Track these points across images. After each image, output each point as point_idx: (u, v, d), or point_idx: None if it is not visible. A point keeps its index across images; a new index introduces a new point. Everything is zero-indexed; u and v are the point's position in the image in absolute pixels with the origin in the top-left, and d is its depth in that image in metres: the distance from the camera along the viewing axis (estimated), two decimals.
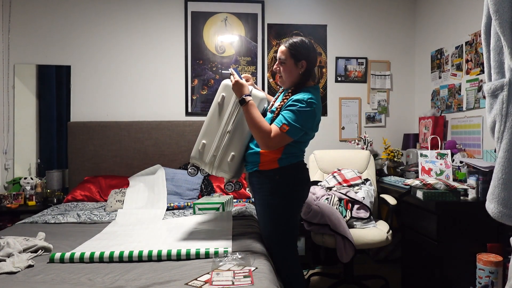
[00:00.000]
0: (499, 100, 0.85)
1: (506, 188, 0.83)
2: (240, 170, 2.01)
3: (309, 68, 1.87)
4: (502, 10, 0.80)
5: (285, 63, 1.86)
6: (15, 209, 2.95)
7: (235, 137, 1.92)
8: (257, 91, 1.98)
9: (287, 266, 1.89)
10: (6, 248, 1.69)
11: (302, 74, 1.87)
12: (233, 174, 1.97)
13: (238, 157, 1.93)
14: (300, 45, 1.85)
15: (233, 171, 1.95)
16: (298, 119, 1.75)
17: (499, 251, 2.11)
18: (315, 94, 1.82)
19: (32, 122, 3.30)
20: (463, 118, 2.93)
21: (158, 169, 3.03)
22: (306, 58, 1.85)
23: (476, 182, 2.28)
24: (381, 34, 3.67)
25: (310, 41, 1.91)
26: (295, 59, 1.85)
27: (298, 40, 1.87)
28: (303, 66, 1.85)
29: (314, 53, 1.90)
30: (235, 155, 1.92)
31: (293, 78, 1.88)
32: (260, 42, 3.53)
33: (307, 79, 1.89)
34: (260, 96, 1.95)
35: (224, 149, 1.93)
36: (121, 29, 3.43)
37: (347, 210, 2.58)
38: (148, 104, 3.45)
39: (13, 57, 3.30)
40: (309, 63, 1.86)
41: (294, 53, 1.84)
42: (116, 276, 1.49)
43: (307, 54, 1.85)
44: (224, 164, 1.93)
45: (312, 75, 1.91)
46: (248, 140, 1.94)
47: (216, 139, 1.94)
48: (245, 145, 1.94)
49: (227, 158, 1.92)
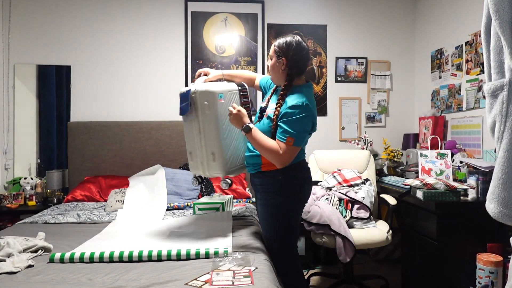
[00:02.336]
0: (499, 100, 0.85)
1: (506, 188, 0.83)
2: (232, 166, 1.98)
3: (290, 65, 1.83)
4: (502, 10, 0.80)
5: (271, 59, 1.89)
6: (15, 209, 2.95)
7: (207, 136, 1.92)
8: (227, 85, 2.00)
9: (287, 266, 1.89)
10: (6, 248, 1.69)
11: (284, 71, 1.85)
12: (225, 171, 1.95)
13: (219, 154, 1.91)
14: (284, 43, 1.85)
15: (222, 168, 1.94)
16: (300, 127, 1.76)
17: (499, 251, 2.11)
18: (308, 94, 1.83)
19: (32, 122, 3.30)
20: (463, 118, 2.93)
21: (158, 169, 3.03)
22: (285, 56, 1.83)
23: (476, 182, 2.28)
24: (381, 34, 3.67)
25: (299, 41, 1.86)
26: (277, 56, 1.86)
27: (286, 38, 1.86)
28: (283, 63, 1.84)
29: (297, 50, 1.84)
30: (215, 152, 1.91)
31: (277, 74, 1.88)
32: (260, 42, 3.53)
33: (292, 77, 1.85)
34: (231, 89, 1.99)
35: (204, 151, 1.94)
36: (121, 29, 3.43)
37: (347, 210, 2.58)
38: (148, 104, 3.45)
39: (13, 57, 3.30)
40: (288, 61, 1.83)
41: (277, 50, 1.86)
42: (116, 276, 1.49)
43: (287, 51, 1.83)
44: (211, 164, 1.94)
45: (297, 73, 1.86)
46: (222, 134, 1.92)
47: (196, 145, 1.97)
48: (220, 140, 1.91)
49: (211, 159, 1.93)
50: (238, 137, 2.01)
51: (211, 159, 1.93)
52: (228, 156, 1.95)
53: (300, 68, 1.87)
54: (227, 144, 1.94)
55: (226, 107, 1.92)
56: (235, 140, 1.99)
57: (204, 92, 1.89)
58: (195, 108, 1.91)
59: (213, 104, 1.88)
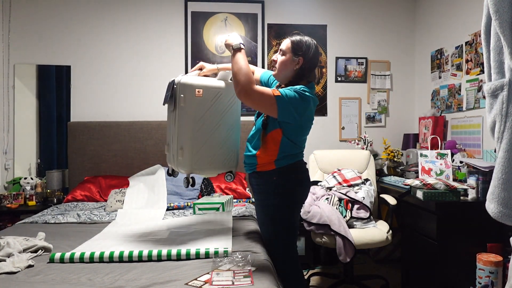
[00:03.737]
0: (499, 100, 0.85)
1: (506, 188, 0.83)
2: (199, 166, 1.92)
3: (305, 66, 1.82)
4: (502, 10, 0.80)
5: (285, 55, 1.85)
6: (15, 209, 2.95)
7: (179, 129, 1.87)
8: (211, 81, 1.93)
9: (287, 266, 1.89)
10: (6, 248, 1.69)
11: (296, 70, 1.83)
12: (189, 168, 1.89)
13: (186, 150, 1.86)
14: (304, 42, 1.83)
15: (187, 164, 1.87)
16: (289, 98, 1.70)
17: (499, 251, 2.11)
18: (309, 88, 1.80)
19: (32, 122, 3.30)
20: (463, 118, 2.93)
21: (158, 169, 3.03)
22: (304, 56, 1.82)
23: (476, 182, 2.28)
24: (381, 34, 3.67)
25: (316, 45, 1.88)
26: (294, 53, 1.82)
27: (305, 38, 1.86)
28: (299, 62, 1.82)
29: (314, 54, 1.85)
30: (183, 148, 1.86)
31: (287, 72, 1.84)
32: (260, 42, 3.53)
33: (301, 78, 1.84)
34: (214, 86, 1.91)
35: (175, 144, 1.89)
36: (121, 29, 3.43)
37: (347, 210, 2.58)
38: (149, 104, 3.45)
39: (13, 57, 3.30)
40: (305, 61, 1.82)
41: (295, 47, 1.82)
42: (116, 276, 1.49)
43: (307, 52, 1.82)
44: (179, 159, 1.87)
45: (307, 76, 1.85)
46: (193, 130, 1.86)
47: (171, 137, 1.92)
48: (189, 135, 1.86)
49: (180, 153, 1.86)
50: (214, 139, 1.93)
51: (180, 153, 1.86)
52: (196, 154, 1.88)
53: (312, 71, 1.87)
54: (197, 142, 1.87)
55: (204, 104, 1.86)
56: (209, 140, 1.91)
57: (183, 84, 1.84)
58: (174, 99, 1.86)
59: (189, 98, 1.83)
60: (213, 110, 1.90)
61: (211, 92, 1.89)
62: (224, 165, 2.01)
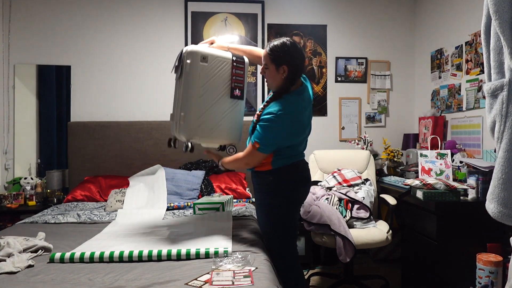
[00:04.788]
0: (499, 100, 0.85)
1: (506, 188, 0.83)
2: (199, 133, 1.94)
3: (292, 71, 1.79)
4: (502, 10, 0.80)
5: (268, 68, 1.82)
6: (15, 209, 2.95)
7: (183, 96, 1.90)
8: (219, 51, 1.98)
9: (287, 266, 1.89)
10: (6, 248, 1.69)
11: (285, 78, 1.80)
12: (189, 134, 1.91)
13: (187, 116, 1.88)
14: (280, 49, 1.77)
15: (187, 130, 1.89)
16: (267, 136, 1.76)
17: (499, 251, 2.11)
18: (289, 103, 1.77)
19: (32, 122, 3.30)
20: (463, 118, 2.93)
21: (158, 169, 3.03)
22: (286, 63, 1.77)
23: (476, 182, 2.28)
24: (381, 34, 3.67)
25: (293, 43, 1.81)
26: (276, 64, 1.78)
27: (279, 43, 1.79)
28: (285, 71, 1.78)
29: (296, 56, 1.80)
30: (185, 113, 1.89)
31: (277, 83, 1.82)
32: (260, 42, 3.53)
33: (292, 82, 1.82)
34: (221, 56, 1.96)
35: (178, 111, 1.92)
36: (121, 29, 3.43)
37: (347, 210, 2.58)
38: (148, 104, 3.45)
39: (13, 57, 3.30)
40: (290, 67, 1.78)
41: (274, 58, 1.78)
42: (116, 276, 1.49)
43: (287, 58, 1.77)
44: (181, 125, 1.90)
45: (298, 77, 1.84)
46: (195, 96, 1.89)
47: (176, 104, 1.96)
48: (191, 101, 1.89)
49: (182, 118, 1.89)
50: (218, 108, 1.95)
51: (182, 118, 1.89)
52: (198, 119, 1.90)
53: (300, 71, 1.85)
54: (199, 108, 1.89)
55: (209, 72, 1.90)
56: (212, 108, 1.93)
57: (190, 51, 1.89)
58: (181, 67, 1.92)
59: (194, 65, 1.87)
60: (218, 79, 1.94)
61: (216, 61, 1.94)
62: (227, 136, 2.02)
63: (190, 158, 3.33)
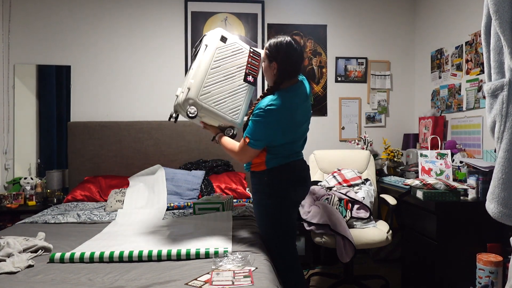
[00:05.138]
0: (499, 100, 0.85)
1: (506, 188, 0.83)
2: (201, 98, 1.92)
3: (282, 69, 1.81)
4: (502, 10, 0.80)
5: (264, 62, 1.89)
6: (15, 209, 2.95)
7: (195, 72, 1.94)
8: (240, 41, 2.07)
9: (286, 266, 1.89)
10: (6, 248, 1.69)
11: (276, 75, 1.83)
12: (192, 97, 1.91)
13: (193, 86, 1.91)
14: (274, 46, 1.82)
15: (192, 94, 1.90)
16: (256, 131, 1.78)
17: (499, 251, 2.11)
18: (282, 98, 1.77)
19: (32, 122, 3.30)
20: (463, 118, 2.93)
21: (158, 169, 3.03)
22: (276, 60, 1.81)
23: (476, 182, 2.28)
24: (381, 34, 3.67)
25: (289, 42, 1.82)
26: (269, 60, 1.85)
27: (275, 40, 1.83)
28: (275, 67, 1.82)
29: (287, 54, 1.80)
30: (191, 87, 1.91)
31: (270, 78, 1.88)
32: (260, 42, 3.53)
33: (282, 80, 1.82)
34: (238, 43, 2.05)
35: (186, 84, 1.96)
36: (121, 29, 3.43)
37: (347, 210, 2.58)
38: (148, 104, 3.45)
39: (13, 57, 3.30)
40: (279, 64, 1.81)
41: (268, 53, 1.85)
42: (116, 276, 1.49)
43: (276, 55, 1.81)
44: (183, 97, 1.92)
45: (288, 76, 1.83)
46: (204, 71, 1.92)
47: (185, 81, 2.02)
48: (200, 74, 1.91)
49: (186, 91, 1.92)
50: (226, 85, 1.99)
51: (190, 85, 1.92)
52: (203, 88, 1.93)
53: (290, 72, 1.84)
54: (207, 78, 1.93)
55: (225, 52, 2.00)
56: (221, 83, 1.97)
57: (212, 31, 2.03)
58: (200, 41, 2.04)
59: (212, 41, 1.98)
60: (232, 62, 2.02)
61: (234, 46, 2.03)
62: (229, 115, 2.01)
63: (190, 158, 3.33)
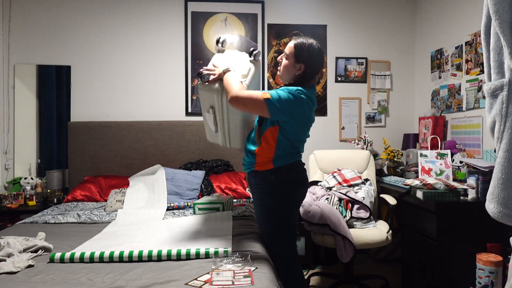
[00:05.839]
0: (499, 100, 0.85)
1: (506, 188, 0.83)
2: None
3: (307, 72, 1.83)
4: (502, 10, 0.80)
5: (288, 59, 1.85)
6: (15, 209, 2.95)
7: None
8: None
9: (286, 266, 1.89)
10: (6, 248, 1.69)
11: (298, 75, 1.84)
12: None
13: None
14: (306, 48, 1.81)
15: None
16: (281, 97, 1.71)
17: (499, 251, 2.11)
18: (308, 92, 1.78)
19: (32, 122, 3.30)
20: (463, 118, 2.93)
21: (158, 169, 3.03)
22: (305, 62, 1.81)
23: (476, 182, 2.28)
24: (381, 34, 3.67)
25: (320, 49, 1.85)
26: (296, 59, 1.82)
27: (308, 42, 1.83)
28: (300, 68, 1.82)
29: (317, 60, 1.84)
30: None
31: (289, 76, 1.86)
32: (260, 42, 3.53)
33: (302, 82, 1.83)
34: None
35: None
36: (121, 29, 3.43)
37: (347, 210, 2.58)
38: (148, 104, 3.45)
39: (13, 57, 3.30)
40: (307, 67, 1.82)
41: (297, 53, 1.82)
42: (116, 276, 1.49)
43: (308, 58, 1.81)
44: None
45: (308, 80, 1.84)
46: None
47: None
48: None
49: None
50: None
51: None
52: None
53: (314, 76, 1.87)
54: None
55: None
56: None
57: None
58: None
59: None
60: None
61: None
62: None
63: (190, 158, 3.33)
